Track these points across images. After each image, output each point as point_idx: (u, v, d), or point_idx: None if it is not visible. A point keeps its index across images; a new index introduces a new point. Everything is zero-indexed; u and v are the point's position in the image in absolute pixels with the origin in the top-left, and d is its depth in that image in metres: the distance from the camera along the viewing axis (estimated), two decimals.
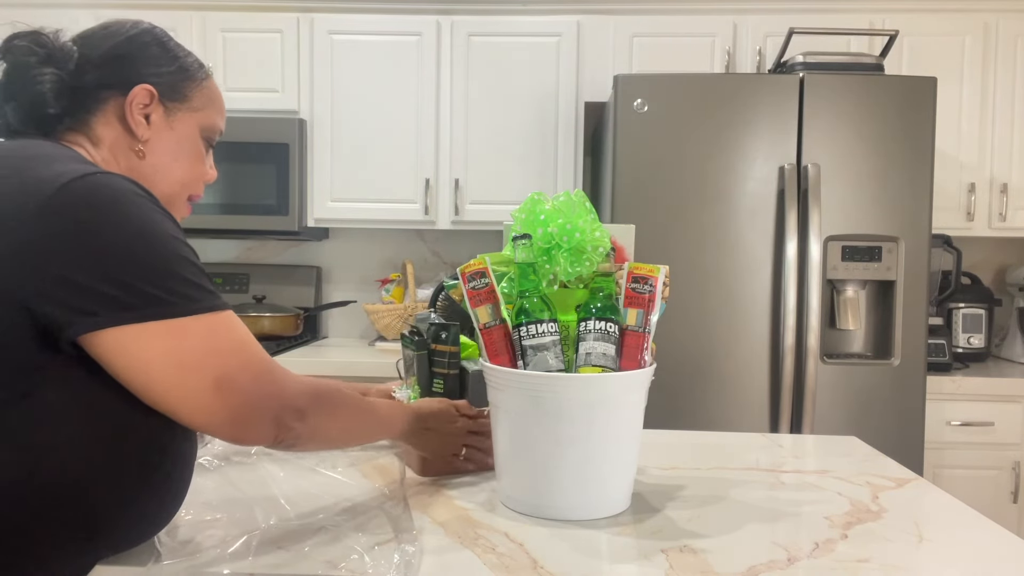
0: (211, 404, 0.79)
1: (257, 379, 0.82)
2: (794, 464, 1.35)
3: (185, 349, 0.78)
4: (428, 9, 2.86)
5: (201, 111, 1.01)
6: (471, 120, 2.85)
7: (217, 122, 1.04)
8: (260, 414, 0.82)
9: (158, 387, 0.78)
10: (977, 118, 2.73)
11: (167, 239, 0.80)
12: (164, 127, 0.97)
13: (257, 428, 0.82)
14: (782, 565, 0.89)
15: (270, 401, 0.83)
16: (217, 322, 0.81)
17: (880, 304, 2.39)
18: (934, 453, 2.44)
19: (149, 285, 0.77)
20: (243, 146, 2.80)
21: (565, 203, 1.08)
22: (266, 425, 0.83)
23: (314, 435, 0.89)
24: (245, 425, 0.82)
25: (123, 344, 0.76)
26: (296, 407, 0.85)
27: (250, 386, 0.81)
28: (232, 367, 0.80)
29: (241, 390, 0.81)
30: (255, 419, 0.82)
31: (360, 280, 3.25)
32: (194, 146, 1.01)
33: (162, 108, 0.97)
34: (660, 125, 2.31)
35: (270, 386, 0.83)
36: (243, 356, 0.82)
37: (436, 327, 1.29)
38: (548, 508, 1.04)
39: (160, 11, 2.85)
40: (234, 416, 0.80)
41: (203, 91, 1.02)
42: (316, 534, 0.94)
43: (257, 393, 0.82)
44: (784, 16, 2.75)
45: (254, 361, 0.83)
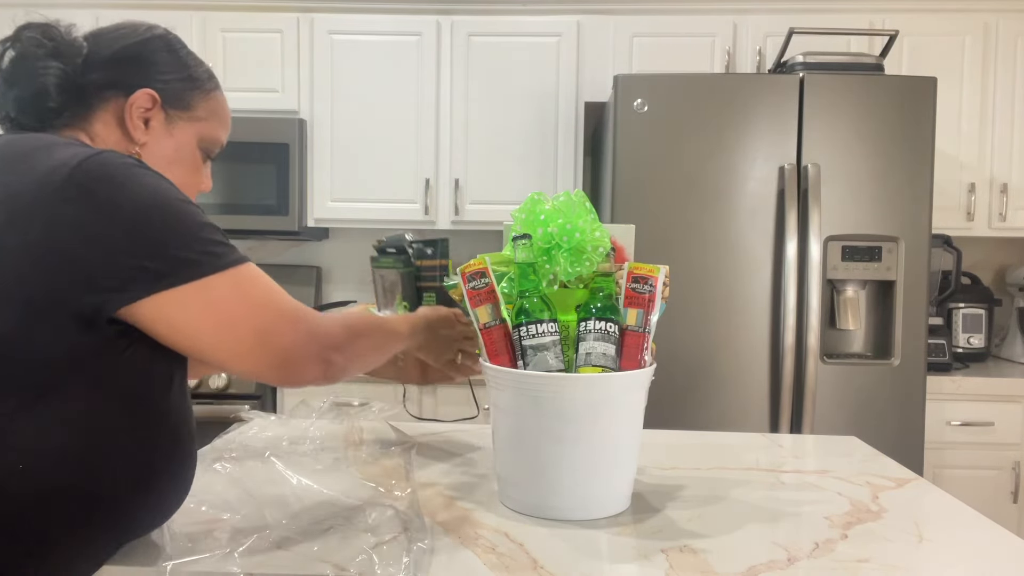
0: (257, 354, 0.83)
1: (294, 324, 0.85)
2: (794, 464, 1.35)
3: (221, 305, 0.81)
4: (428, 9, 2.86)
5: (203, 121, 1.01)
6: (471, 120, 2.85)
7: (219, 135, 1.05)
8: (305, 356, 0.85)
9: (204, 345, 0.81)
10: (977, 118, 2.73)
11: (181, 204, 0.82)
12: (163, 133, 0.97)
13: (305, 369, 0.86)
14: (782, 565, 0.89)
15: (311, 342, 0.86)
16: (243, 275, 0.83)
17: (880, 304, 2.39)
18: (934, 453, 2.44)
19: (176, 250, 0.79)
20: (243, 146, 2.80)
21: (565, 203, 1.08)
22: (313, 364, 0.86)
23: (353, 361, 0.94)
24: (294, 368, 0.85)
25: (162, 311, 0.78)
26: (334, 343, 0.89)
27: (290, 332, 0.84)
28: (269, 317, 0.83)
29: (282, 337, 0.83)
30: (302, 361, 0.85)
31: (360, 280, 3.25)
32: (191, 155, 1.01)
33: (163, 114, 0.97)
34: (660, 125, 2.31)
35: (307, 326, 0.86)
36: (276, 304, 0.85)
37: (421, 244, 1.30)
38: (548, 508, 1.04)
39: (160, 11, 2.85)
40: (281, 362, 0.84)
41: (209, 102, 1.02)
42: (325, 534, 0.94)
43: (298, 337, 0.85)
44: (784, 16, 2.75)
45: (287, 308, 0.85)
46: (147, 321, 0.79)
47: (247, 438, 1.26)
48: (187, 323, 0.80)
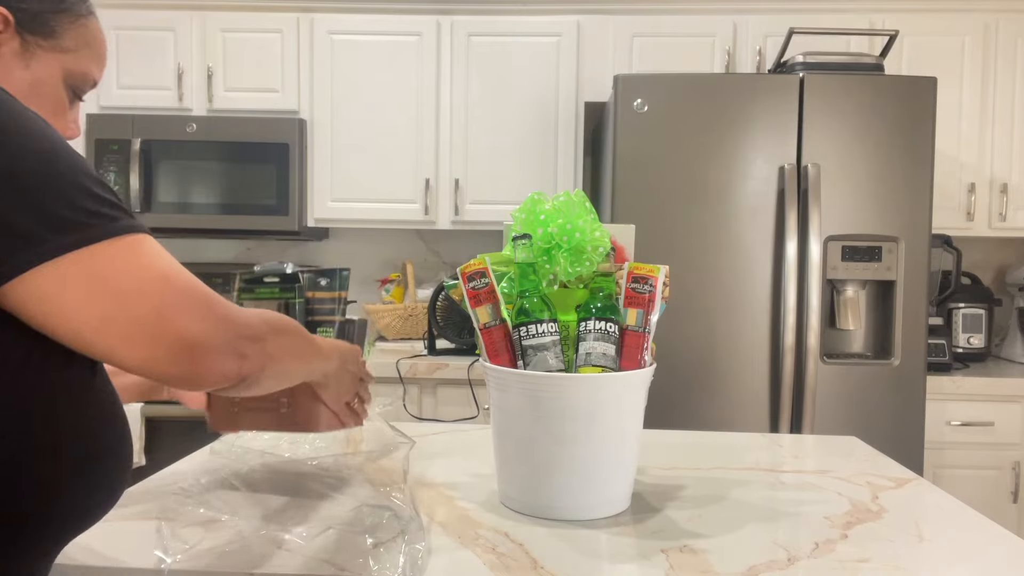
0: (154, 339, 0.65)
1: (204, 303, 0.68)
2: (794, 464, 1.35)
3: (113, 277, 0.64)
4: (428, 9, 2.86)
5: (71, 53, 0.83)
6: (471, 120, 2.85)
7: (91, 69, 0.86)
8: (216, 343, 0.67)
9: (86, 329, 0.64)
10: (977, 118, 2.73)
11: (68, 153, 0.67)
12: (16, 63, 0.79)
13: (214, 361, 0.67)
14: (782, 565, 0.89)
15: (226, 327, 0.69)
16: (143, 243, 0.68)
17: (880, 304, 2.39)
18: (934, 453, 2.44)
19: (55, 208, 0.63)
20: (243, 146, 2.80)
21: (565, 203, 1.08)
22: (224, 356, 0.68)
23: (272, 361, 0.75)
24: (200, 360, 0.67)
25: (39, 288, 0.62)
26: (254, 334, 0.71)
27: (200, 309, 0.67)
28: (173, 292, 0.66)
29: (187, 319, 0.66)
30: (210, 351, 0.67)
31: (360, 280, 3.25)
32: (53, 93, 0.82)
33: (18, 40, 0.79)
34: (660, 125, 2.31)
35: (221, 308, 0.69)
36: (182, 279, 0.68)
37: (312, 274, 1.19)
38: (548, 508, 1.04)
39: (160, 11, 2.85)
40: (184, 345, 0.66)
41: (79, 30, 0.83)
42: (324, 535, 0.94)
43: (211, 317, 0.68)
44: (784, 16, 2.75)
45: (194, 284, 0.69)
46: (21, 304, 0.62)
47: (246, 439, 1.26)
48: (66, 301, 0.63)
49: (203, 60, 2.87)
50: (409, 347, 2.76)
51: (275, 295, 1.16)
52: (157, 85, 2.86)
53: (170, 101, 2.87)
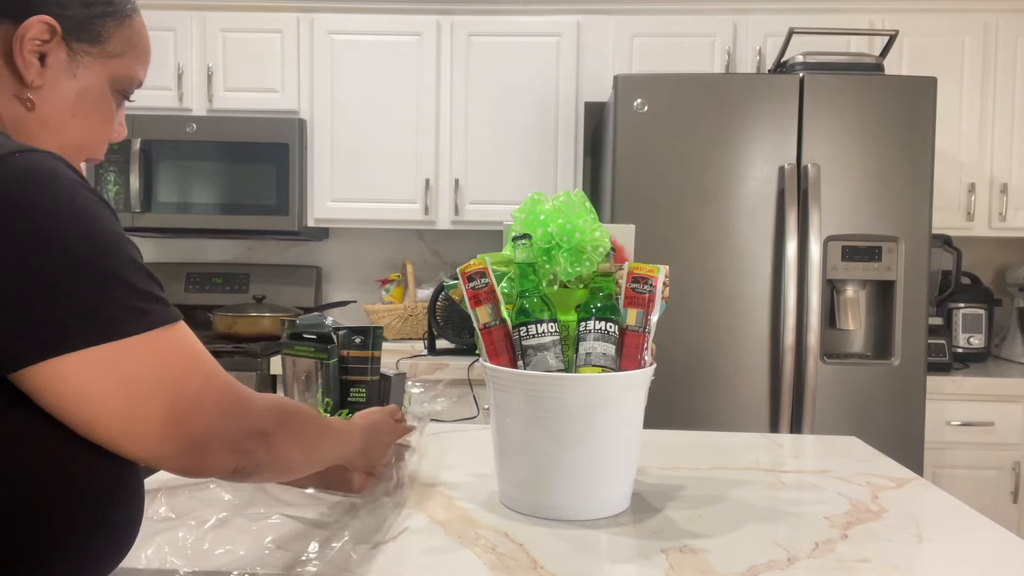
0: (165, 433, 0.65)
1: (219, 400, 0.69)
2: (794, 464, 1.35)
3: (135, 374, 0.64)
4: (428, 9, 2.86)
5: (119, 57, 0.79)
6: (471, 120, 2.85)
7: (137, 71, 0.82)
8: (221, 440, 0.69)
9: (102, 420, 0.64)
10: (977, 118, 2.73)
11: (118, 241, 0.65)
12: (64, 73, 0.75)
13: (215, 456, 0.69)
14: (782, 565, 0.89)
15: (233, 425, 0.70)
16: (170, 337, 0.67)
17: (880, 304, 2.39)
18: (934, 453, 2.44)
19: (90, 300, 0.62)
20: (243, 146, 2.80)
21: (565, 203, 1.08)
22: (227, 453, 0.69)
23: (275, 462, 0.76)
24: (202, 454, 0.68)
25: (61, 375, 0.61)
26: (260, 429, 0.72)
27: (212, 409, 0.68)
28: (191, 389, 0.67)
29: (201, 414, 0.67)
30: (214, 447, 0.68)
31: (360, 280, 3.25)
32: (102, 100, 0.79)
33: (65, 49, 0.75)
34: (660, 125, 2.31)
35: (234, 406, 0.70)
36: (202, 374, 0.68)
37: (348, 331, 1.19)
38: (548, 508, 1.04)
39: (160, 11, 2.85)
40: (191, 445, 0.67)
41: (125, 32, 0.80)
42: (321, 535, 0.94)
43: (220, 416, 0.69)
44: (784, 16, 2.75)
45: (214, 379, 0.69)
46: (39, 388, 0.61)
47: None
48: (89, 393, 0.62)
49: (203, 60, 2.87)
50: (409, 347, 2.76)
51: (311, 354, 1.17)
52: (157, 85, 2.86)
53: (170, 101, 2.87)
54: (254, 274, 3.17)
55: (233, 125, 2.81)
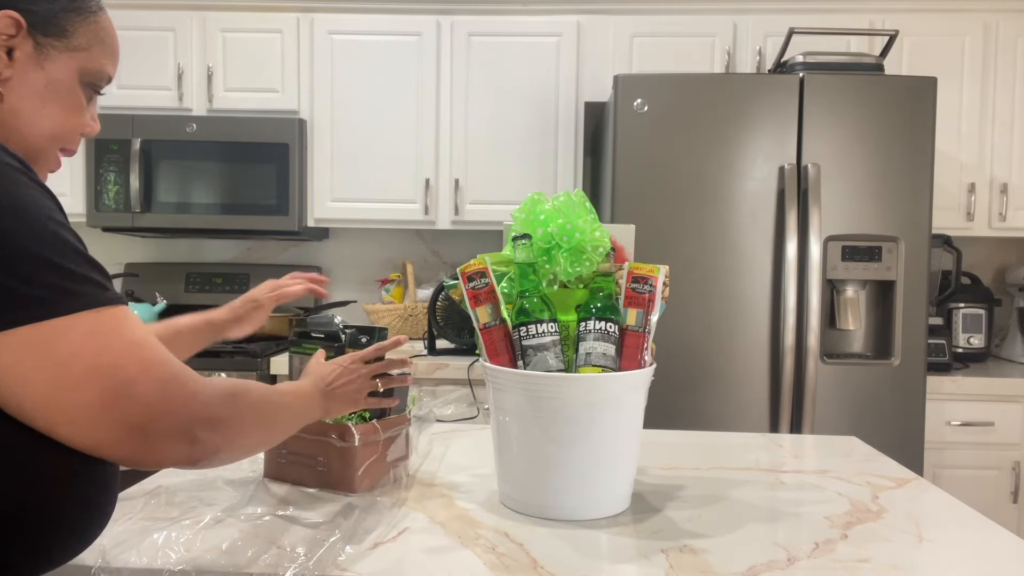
0: (105, 419, 0.64)
1: (163, 385, 0.68)
2: (794, 464, 1.35)
3: (65, 357, 0.63)
4: (428, 9, 2.86)
5: (85, 51, 0.82)
6: (471, 120, 2.85)
7: (105, 66, 0.85)
8: (169, 428, 0.68)
9: (31, 406, 0.63)
10: (977, 118, 2.73)
11: (45, 221, 0.66)
12: (32, 66, 0.78)
13: (165, 446, 0.67)
14: (782, 565, 0.89)
15: (180, 411, 0.69)
16: (104, 320, 0.66)
17: (880, 304, 2.39)
18: (934, 453, 2.44)
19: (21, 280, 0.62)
20: (243, 146, 2.80)
21: (565, 203, 1.08)
22: (177, 442, 0.68)
23: (232, 445, 0.76)
24: (151, 443, 0.67)
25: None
26: (209, 416, 0.71)
27: (154, 394, 0.67)
28: (130, 372, 0.66)
29: (143, 400, 0.66)
30: (163, 435, 0.67)
31: (360, 280, 3.25)
32: (70, 92, 0.82)
33: (31, 42, 0.78)
34: (660, 125, 2.31)
35: (178, 392, 0.69)
36: (142, 358, 0.67)
37: (355, 330, 1.21)
38: (548, 508, 1.04)
39: (160, 11, 2.85)
40: (135, 433, 0.66)
41: (91, 27, 0.83)
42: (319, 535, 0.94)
43: (163, 402, 0.67)
44: (784, 16, 2.75)
45: (156, 364, 0.68)
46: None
47: None
48: (22, 375, 0.62)
49: (203, 60, 2.87)
50: (409, 347, 2.76)
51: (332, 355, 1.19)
52: (157, 85, 2.86)
53: (170, 101, 2.87)
54: (254, 274, 3.17)
55: (233, 125, 2.81)
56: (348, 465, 1.09)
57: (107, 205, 2.80)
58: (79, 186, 2.87)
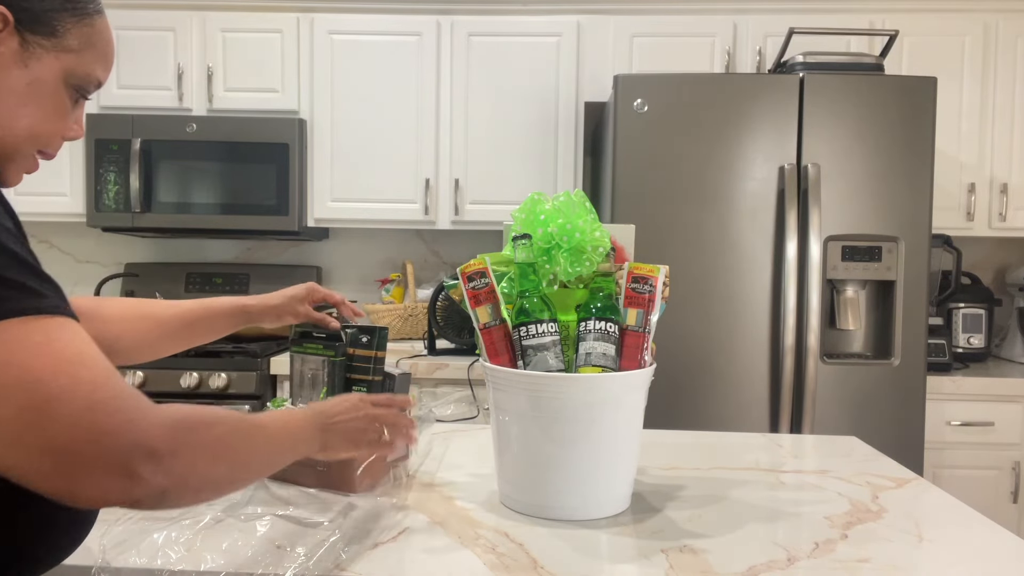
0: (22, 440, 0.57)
1: (91, 407, 0.59)
2: (794, 464, 1.35)
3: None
4: (428, 9, 2.86)
5: (75, 53, 0.78)
6: (471, 120, 2.85)
7: (94, 70, 0.80)
8: (96, 458, 0.58)
9: None
10: (977, 118, 2.73)
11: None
12: (14, 63, 0.74)
13: (94, 478, 0.58)
14: (782, 565, 0.89)
15: (110, 439, 0.59)
16: (37, 329, 0.59)
17: (880, 304, 2.39)
18: (934, 453, 2.44)
19: None
20: (243, 146, 2.80)
21: (565, 203, 1.08)
22: (108, 475, 0.59)
23: (184, 484, 0.64)
24: (76, 474, 0.58)
25: None
26: (151, 447, 0.61)
27: (78, 417, 0.58)
28: (54, 389, 0.58)
29: (65, 421, 0.57)
30: (90, 465, 0.58)
31: (360, 280, 3.25)
32: (53, 94, 0.78)
33: (17, 39, 0.74)
34: (660, 125, 2.31)
35: (110, 417, 0.59)
36: (71, 376, 0.59)
37: (355, 331, 1.20)
38: (548, 508, 1.04)
39: (160, 11, 2.85)
40: (58, 459, 0.57)
41: (84, 30, 0.78)
42: (319, 535, 0.94)
43: (91, 427, 0.58)
44: (784, 16, 2.75)
45: (88, 384, 0.59)
46: None
47: None
48: None
49: (203, 60, 2.87)
50: (409, 347, 2.76)
51: (319, 352, 1.18)
52: (157, 85, 2.86)
53: (170, 101, 2.87)
54: (254, 274, 3.17)
55: (233, 125, 2.81)
56: (348, 465, 1.09)
57: (107, 205, 2.80)
58: (79, 186, 2.87)
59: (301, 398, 1.18)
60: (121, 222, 2.82)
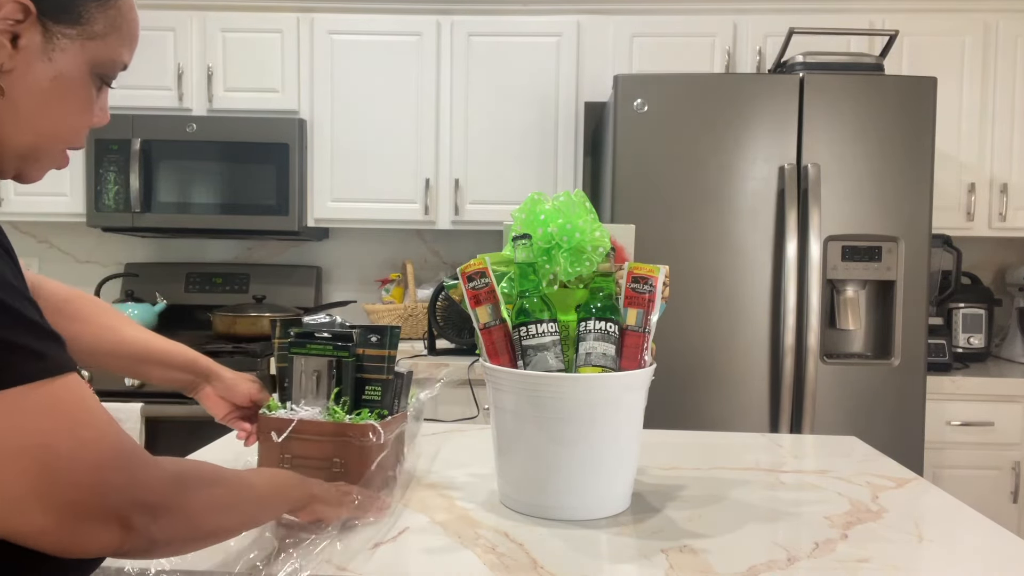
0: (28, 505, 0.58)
1: (97, 468, 0.60)
2: (794, 464, 1.35)
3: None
4: (428, 9, 2.86)
5: (100, 40, 0.72)
6: (471, 120, 2.85)
7: (120, 54, 0.75)
8: (100, 513, 0.60)
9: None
10: (977, 118, 2.73)
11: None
12: (38, 57, 0.68)
13: (94, 532, 0.60)
14: (782, 565, 0.89)
15: (115, 495, 0.61)
16: (44, 395, 0.59)
17: (880, 304, 2.39)
18: (934, 453, 2.44)
19: None
20: (243, 146, 2.80)
21: (565, 203, 1.08)
22: (107, 527, 0.61)
23: (171, 537, 0.66)
24: (79, 530, 0.60)
25: None
26: (150, 501, 0.63)
27: (87, 478, 0.60)
28: (60, 454, 0.59)
29: (73, 483, 0.59)
30: (93, 520, 0.60)
31: (360, 280, 3.25)
32: (80, 87, 0.72)
33: (40, 30, 0.68)
34: (660, 125, 2.31)
35: (118, 476, 0.61)
36: (76, 438, 0.60)
37: (363, 330, 1.18)
38: (548, 508, 1.04)
39: (160, 11, 2.85)
40: (61, 520, 0.59)
41: (110, 12, 0.72)
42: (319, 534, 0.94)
43: (98, 486, 0.60)
44: (784, 16, 2.75)
45: (92, 443, 0.61)
46: None
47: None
48: None
49: (203, 60, 2.87)
50: (409, 347, 2.76)
51: (328, 352, 1.15)
52: (157, 85, 2.86)
53: (170, 101, 2.87)
54: (254, 274, 3.17)
55: (233, 125, 2.81)
56: (364, 463, 1.07)
57: (107, 205, 2.80)
58: (79, 186, 2.87)
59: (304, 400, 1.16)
60: (121, 222, 2.82)
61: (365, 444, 1.07)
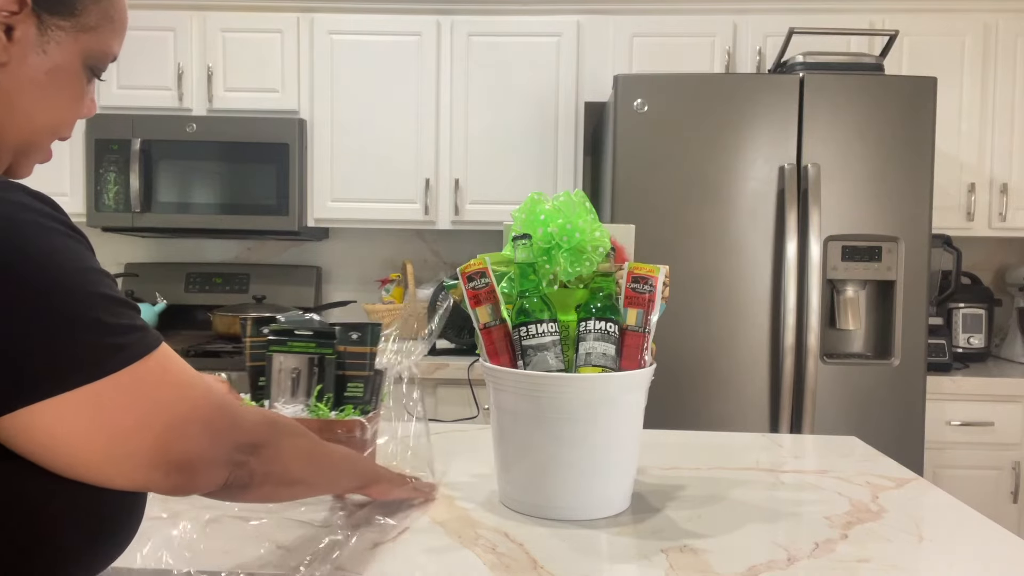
0: (152, 462, 0.64)
1: (208, 424, 0.68)
2: (794, 464, 1.35)
3: (114, 414, 0.61)
4: (428, 9, 2.86)
5: (93, 31, 0.72)
6: (471, 120, 2.85)
7: (111, 46, 0.75)
8: (215, 458, 0.68)
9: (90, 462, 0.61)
10: (977, 118, 2.73)
11: (84, 274, 0.61)
12: (33, 49, 0.68)
13: (205, 475, 0.68)
14: (782, 565, 0.89)
15: (223, 443, 0.69)
16: (149, 369, 0.64)
17: (880, 304, 2.39)
18: (934, 453, 2.44)
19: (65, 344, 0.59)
20: (243, 146, 2.80)
21: (565, 203, 1.08)
22: (216, 469, 0.69)
23: (269, 473, 0.75)
24: (191, 475, 0.67)
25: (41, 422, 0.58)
26: (249, 440, 0.72)
27: (200, 435, 0.67)
28: (176, 418, 0.65)
29: (189, 441, 0.66)
30: (209, 465, 0.68)
31: (360, 280, 3.25)
32: (73, 79, 0.73)
33: (35, 21, 0.68)
34: (660, 125, 2.31)
35: (223, 425, 0.69)
36: (187, 401, 0.67)
37: (344, 327, 1.18)
38: (548, 508, 1.04)
39: (160, 11, 2.85)
40: (179, 469, 0.66)
41: (101, 4, 0.73)
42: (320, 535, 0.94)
43: (209, 439, 0.68)
44: (784, 16, 2.75)
45: (201, 403, 0.68)
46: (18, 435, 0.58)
47: None
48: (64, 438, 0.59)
49: (203, 60, 2.87)
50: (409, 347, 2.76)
51: (311, 350, 1.15)
52: (157, 85, 2.86)
53: (170, 101, 2.87)
54: (254, 274, 3.17)
55: (233, 125, 2.81)
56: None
57: (107, 205, 2.80)
58: (79, 186, 2.87)
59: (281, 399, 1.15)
60: (121, 222, 2.82)
61: (352, 440, 1.07)
